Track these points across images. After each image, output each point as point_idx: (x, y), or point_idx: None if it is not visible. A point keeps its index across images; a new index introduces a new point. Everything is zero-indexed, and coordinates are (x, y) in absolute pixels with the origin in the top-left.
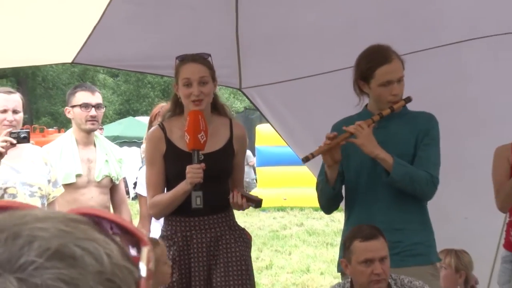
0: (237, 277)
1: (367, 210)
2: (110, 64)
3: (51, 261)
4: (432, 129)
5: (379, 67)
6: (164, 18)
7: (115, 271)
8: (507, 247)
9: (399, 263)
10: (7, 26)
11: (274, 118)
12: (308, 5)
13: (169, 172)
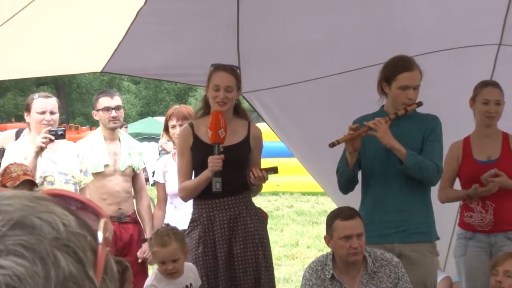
0: (253, 249)
1: (380, 193)
2: (133, 73)
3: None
4: (436, 128)
5: (402, 73)
6: (178, 34)
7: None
8: (461, 226)
9: (404, 239)
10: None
11: (270, 118)
12: (297, 22)
13: (195, 161)
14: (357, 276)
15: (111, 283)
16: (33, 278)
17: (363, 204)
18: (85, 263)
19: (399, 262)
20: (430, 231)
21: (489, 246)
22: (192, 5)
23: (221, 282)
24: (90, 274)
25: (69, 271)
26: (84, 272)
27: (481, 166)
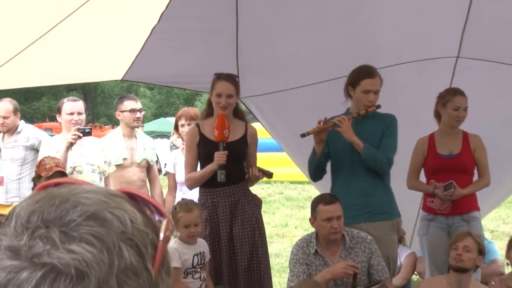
0: (250, 229)
1: (347, 180)
2: (148, 80)
3: (87, 221)
4: (392, 125)
5: (365, 79)
6: (186, 49)
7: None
8: (424, 210)
9: (369, 218)
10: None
11: (263, 119)
12: (287, 40)
13: (200, 155)
14: (337, 251)
15: (166, 275)
16: (99, 265)
17: (333, 190)
18: (145, 256)
19: (372, 239)
20: (390, 210)
21: (447, 226)
22: (198, 24)
23: (223, 257)
24: (148, 266)
25: (130, 262)
26: (143, 264)
27: (444, 160)
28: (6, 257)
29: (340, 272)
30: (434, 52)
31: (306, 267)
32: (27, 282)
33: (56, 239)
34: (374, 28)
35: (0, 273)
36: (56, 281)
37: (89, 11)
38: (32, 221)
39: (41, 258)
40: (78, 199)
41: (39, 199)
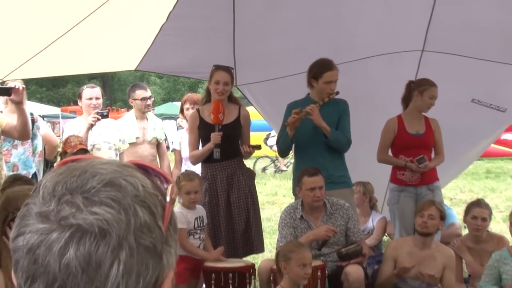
0: (245, 198)
1: (311, 157)
2: (158, 70)
3: (106, 187)
4: (346, 110)
5: (326, 72)
6: (191, 44)
7: (146, 196)
8: (394, 182)
9: (333, 187)
10: (96, 48)
11: (257, 103)
12: (277, 35)
13: (201, 136)
14: (319, 217)
15: (173, 231)
16: (118, 223)
17: (297, 167)
18: (156, 215)
19: (349, 206)
20: (347, 180)
21: (415, 195)
22: (201, 23)
23: (221, 221)
24: (159, 223)
25: (144, 220)
26: (155, 222)
27: (412, 138)
28: (37, 222)
29: (322, 234)
30: (402, 46)
31: (293, 230)
32: (57, 242)
33: (80, 204)
34: (350, 25)
35: (33, 235)
36: (82, 239)
37: (108, 12)
38: (57, 190)
39: (68, 220)
40: (96, 170)
41: (62, 172)
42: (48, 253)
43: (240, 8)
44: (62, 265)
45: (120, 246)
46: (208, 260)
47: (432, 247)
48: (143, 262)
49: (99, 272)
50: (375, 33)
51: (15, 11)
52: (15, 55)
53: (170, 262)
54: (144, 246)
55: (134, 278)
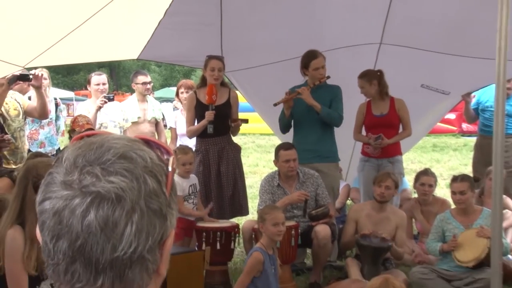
0: (232, 168)
1: (305, 133)
2: (157, 59)
3: (119, 160)
4: (338, 93)
5: (313, 60)
6: (185, 36)
7: (153, 166)
8: (362, 154)
9: (321, 160)
10: (104, 40)
11: (241, 87)
12: (259, 28)
13: (197, 114)
14: (293, 184)
15: (174, 196)
16: (131, 190)
17: (295, 140)
18: (162, 183)
19: (318, 176)
20: (335, 155)
21: (377, 166)
22: (193, 18)
23: (212, 188)
24: (164, 190)
25: (152, 187)
26: (161, 189)
27: (376, 118)
28: (61, 189)
29: (295, 199)
30: (362, 40)
31: (271, 196)
32: (80, 206)
33: (99, 174)
34: (319, 20)
35: (58, 201)
36: (101, 203)
37: (114, 8)
38: (78, 162)
39: (89, 188)
40: (110, 144)
41: (80, 146)
42: (72, 216)
43: (226, 5)
44: (84, 226)
45: (133, 210)
46: (203, 217)
47: (387, 210)
48: (151, 223)
49: (115, 231)
50: (340, 28)
51: (35, 6)
52: (35, 45)
53: (172, 222)
54: (152, 209)
55: (144, 236)
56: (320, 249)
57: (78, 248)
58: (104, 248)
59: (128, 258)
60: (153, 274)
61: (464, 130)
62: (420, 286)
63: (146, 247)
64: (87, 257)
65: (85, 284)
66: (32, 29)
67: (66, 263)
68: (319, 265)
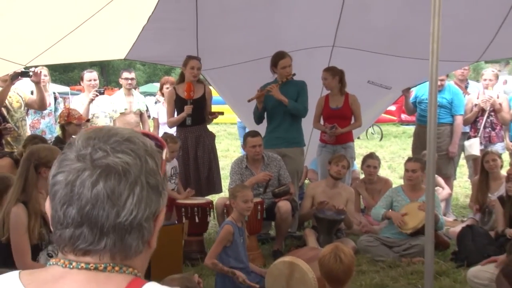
0: (208, 153)
1: (276, 123)
2: (142, 59)
3: (125, 142)
4: (304, 88)
5: (280, 60)
6: (166, 39)
7: (153, 151)
8: (320, 140)
9: (289, 145)
10: (94, 42)
11: (214, 84)
12: (229, 32)
13: (176, 107)
14: (259, 166)
15: (165, 180)
16: (135, 166)
17: (268, 129)
18: (158, 166)
19: (281, 159)
20: (301, 141)
21: (332, 151)
22: (172, 24)
23: (191, 170)
24: (159, 171)
25: (152, 167)
26: (157, 169)
27: (332, 111)
28: (74, 162)
29: (261, 179)
30: (317, 43)
31: (240, 176)
32: (90, 177)
33: (108, 150)
34: (280, 25)
35: (71, 173)
36: (109, 175)
37: (104, 15)
38: (90, 141)
39: (99, 161)
40: (116, 131)
41: (91, 131)
42: (82, 185)
43: (201, 12)
44: (93, 194)
45: (135, 183)
46: (180, 199)
47: (339, 186)
48: (149, 196)
49: (120, 200)
50: (299, 32)
51: (36, 11)
52: (35, 46)
53: (164, 201)
54: (151, 185)
55: (143, 207)
56: (282, 222)
57: (86, 213)
58: (109, 214)
59: (129, 224)
60: (146, 245)
61: (403, 119)
62: (366, 251)
63: (144, 216)
64: (94, 221)
65: (89, 245)
66: (32, 32)
67: (74, 227)
68: (281, 235)
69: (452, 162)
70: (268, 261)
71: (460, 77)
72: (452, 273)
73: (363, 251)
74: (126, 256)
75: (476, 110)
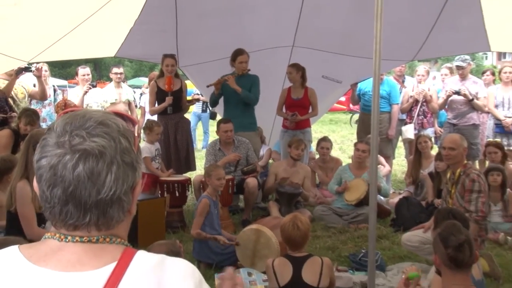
0: (185, 136)
1: (232, 109)
2: (129, 57)
3: (99, 125)
4: (256, 81)
5: (239, 56)
6: (149, 40)
7: (125, 131)
8: (283, 126)
9: (243, 129)
10: (89, 42)
11: (192, 78)
12: (204, 33)
13: (157, 98)
14: (230, 148)
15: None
16: (110, 147)
17: (225, 114)
18: (131, 143)
19: (249, 142)
20: (253, 126)
21: (293, 135)
22: (156, 27)
23: (172, 151)
24: (133, 148)
25: (125, 146)
26: (131, 147)
27: (294, 101)
28: (55, 149)
29: (232, 159)
30: (279, 43)
31: (214, 157)
32: (70, 160)
33: (84, 136)
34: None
35: (53, 158)
36: (87, 158)
37: (97, 18)
38: (67, 128)
39: (77, 146)
40: (90, 115)
41: (67, 117)
42: (64, 168)
43: (180, 17)
44: (74, 175)
45: (111, 163)
46: (163, 177)
47: (297, 165)
48: (126, 172)
49: (99, 179)
50: (263, 34)
51: (35, 13)
52: (37, 45)
53: (139, 174)
54: (126, 162)
55: (121, 183)
56: (249, 195)
57: (70, 193)
58: (91, 192)
59: (109, 199)
60: (126, 213)
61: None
62: (320, 220)
63: (122, 191)
64: (78, 199)
65: (76, 220)
66: (34, 33)
67: (60, 205)
68: (249, 207)
69: (391, 144)
70: (238, 228)
71: (398, 73)
72: (391, 236)
73: (318, 219)
74: (109, 226)
75: (411, 100)
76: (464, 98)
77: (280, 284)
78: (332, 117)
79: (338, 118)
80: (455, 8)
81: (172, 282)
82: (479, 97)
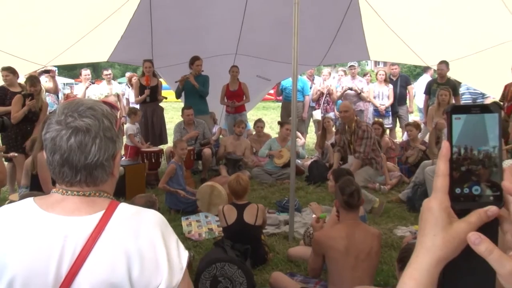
0: (160, 120)
1: (190, 100)
2: (119, 61)
3: (88, 110)
4: (207, 79)
5: (195, 61)
6: (134, 46)
7: (108, 114)
8: (226, 111)
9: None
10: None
11: (164, 77)
12: (175, 40)
13: (140, 91)
14: (191, 127)
15: (120, 132)
16: (95, 126)
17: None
18: (113, 123)
19: (204, 122)
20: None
21: (234, 117)
22: (137, 38)
23: (149, 130)
24: (114, 127)
25: (107, 125)
26: (113, 126)
27: (231, 92)
28: (55, 125)
29: (192, 135)
30: (225, 50)
31: (179, 134)
32: (65, 134)
33: (76, 116)
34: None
35: (53, 132)
36: (78, 133)
37: (96, 34)
38: (64, 111)
39: (71, 124)
40: (83, 102)
41: (66, 103)
42: (61, 140)
43: (155, 32)
44: (68, 145)
45: (96, 137)
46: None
47: (240, 139)
48: (107, 144)
49: (86, 148)
50: (214, 44)
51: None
52: (51, 51)
53: (119, 146)
54: (107, 137)
55: (103, 152)
56: (205, 161)
57: (65, 158)
58: (80, 158)
59: (94, 163)
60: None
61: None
62: (256, 178)
63: (104, 158)
64: (71, 163)
65: (70, 179)
66: (48, 42)
67: (59, 167)
68: (205, 169)
69: (305, 123)
70: (197, 185)
71: (309, 73)
72: (305, 188)
73: (255, 178)
74: (95, 184)
75: (319, 93)
76: (354, 92)
77: (228, 223)
78: (264, 104)
79: (268, 105)
80: (346, 29)
81: (144, 227)
82: (364, 91)
